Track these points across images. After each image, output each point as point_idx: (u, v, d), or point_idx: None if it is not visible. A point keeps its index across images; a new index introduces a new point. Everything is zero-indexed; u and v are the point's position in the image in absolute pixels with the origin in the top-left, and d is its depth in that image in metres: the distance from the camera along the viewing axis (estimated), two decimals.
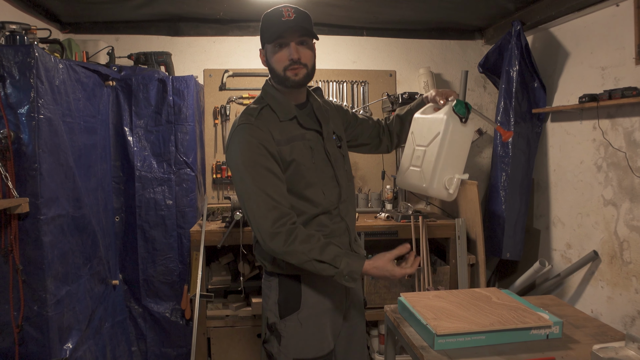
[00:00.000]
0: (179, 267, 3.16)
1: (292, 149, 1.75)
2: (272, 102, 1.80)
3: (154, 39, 3.70)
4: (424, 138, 1.68)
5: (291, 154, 1.75)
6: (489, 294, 2.01)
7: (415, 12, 3.44)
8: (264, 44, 1.80)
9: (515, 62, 3.37)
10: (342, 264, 1.66)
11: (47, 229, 2.24)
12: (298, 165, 1.76)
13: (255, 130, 1.71)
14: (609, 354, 1.46)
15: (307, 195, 1.79)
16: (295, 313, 1.82)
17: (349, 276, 1.67)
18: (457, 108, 1.60)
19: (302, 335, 1.82)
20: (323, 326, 1.86)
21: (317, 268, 1.67)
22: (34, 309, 2.22)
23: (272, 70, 1.80)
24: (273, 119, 1.77)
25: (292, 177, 1.77)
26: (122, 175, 3.14)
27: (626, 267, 2.83)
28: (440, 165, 1.57)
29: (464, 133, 1.59)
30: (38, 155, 2.18)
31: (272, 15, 1.75)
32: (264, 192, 1.66)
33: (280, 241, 1.65)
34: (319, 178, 1.81)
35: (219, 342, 3.11)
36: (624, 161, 2.81)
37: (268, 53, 1.78)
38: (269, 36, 1.74)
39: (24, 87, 2.15)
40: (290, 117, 1.79)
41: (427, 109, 1.76)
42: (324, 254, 1.66)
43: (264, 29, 1.76)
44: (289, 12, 1.72)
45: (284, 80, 1.78)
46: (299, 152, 1.77)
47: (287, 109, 1.80)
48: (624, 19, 2.79)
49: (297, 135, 1.78)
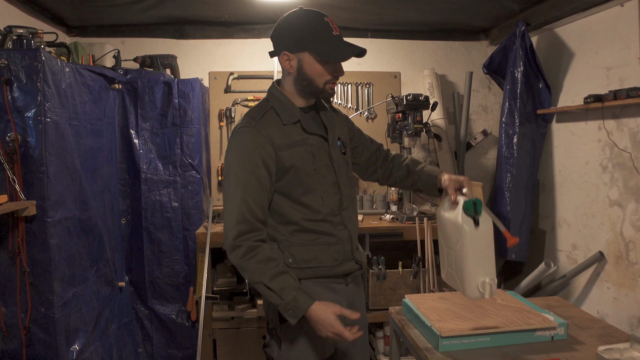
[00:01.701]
0: (184, 269, 3.17)
1: (291, 154, 1.72)
2: (276, 104, 1.77)
3: (159, 42, 3.72)
4: (449, 241, 1.68)
5: (290, 159, 1.72)
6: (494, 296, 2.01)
7: (420, 13, 3.45)
8: (300, 50, 1.70)
9: (520, 63, 3.36)
10: (288, 297, 1.61)
11: (54, 231, 2.26)
12: (297, 171, 1.73)
13: (255, 134, 1.68)
14: (614, 355, 1.46)
15: (304, 201, 1.76)
16: None
17: (292, 311, 1.62)
18: (466, 211, 1.59)
19: (302, 340, 1.78)
20: None
21: (264, 293, 1.65)
22: (41, 311, 2.24)
23: (307, 80, 1.73)
24: (276, 122, 1.73)
25: (290, 183, 1.74)
26: (128, 177, 3.16)
27: (632, 267, 2.82)
28: (468, 273, 1.58)
29: (482, 234, 1.58)
30: (45, 158, 2.20)
31: (318, 24, 1.69)
32: (243, 201, 1.65)
33: (238, 254, 1.65)
34: (320, 184, 1.77)
35: (224, 343, 3.12)
36: (630, 162, 2.81)
37: (305, 62, 1.70)
38: (324, 52, 1.68)
39: (31, 91, 2.17)
40: (294, 121, 1.75)
41: (446, 203, 1.72)
42: (273, 282, 1.63)
43: (309, 39, 1.68)
44: (334, 25, 1.70)
45: (319, 92, 1.75)
46: (299, 157, 1.74)
47: (291, 112, 1.76)
48: (628, 19, 2.78)
49: (298, 140, 1.75)
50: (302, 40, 1.68)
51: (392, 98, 3.38)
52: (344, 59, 1.71)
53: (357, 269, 1.88)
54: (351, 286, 1.91)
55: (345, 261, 1.84)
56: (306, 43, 1.68)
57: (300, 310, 1.61)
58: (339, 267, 1.83)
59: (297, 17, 1.71)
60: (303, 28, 1.68)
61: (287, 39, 1.71)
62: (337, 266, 1.82)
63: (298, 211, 1.76)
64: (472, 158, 4.06)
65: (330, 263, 1.80)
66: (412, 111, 3.21)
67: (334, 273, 1.82)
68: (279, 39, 1.74)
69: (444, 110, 3.85)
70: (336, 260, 1.81)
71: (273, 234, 1.78)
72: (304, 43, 1.68)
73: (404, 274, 3.12)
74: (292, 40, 1.70)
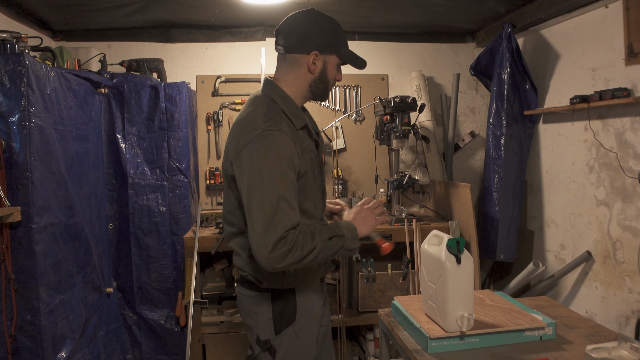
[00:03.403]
0: (173, 273, 3.15)
1: (304, 160, 1.67)
2: (286, 108, 1.69)
3: (146, 46, 3.70)
4: (432, 275, 1.76)
5: (304, 166, 1.67)
6: (483, 296, 2.01)
7: (407, 16, 3.46)
8: (329, 52, 1.71)
9: (507, 65, 3.38)
10: (342, 229, 1.64)
11: (40, 237, 2.23)
12: (305, 179, 1.68)
13: (285, 139, 1.58)
14: (602, 354, 1.46)
15: (304, 207, 1.69)
16: (292, 326, 1.76)
17: (353, 237, 1.67)
18: (449, 249, 1.66)
19: (297, 348, 1.78)
20: (313, 333, 1.84)
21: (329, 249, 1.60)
22: (27, 318, 2.21)
23: (325, 82, 1.75)
24: (291, 127, 1.66)
25: (298, 190, 1.65)
26: (115, 182, 3.13)
27: (619, 267, 2.84)
28: (448, 307, 1.66)
29: (464, 271, 1.66)
30: (30, 164, 2.17)
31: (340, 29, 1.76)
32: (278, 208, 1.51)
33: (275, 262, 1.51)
34: (313, 190, 1.74)
35: (214, 348, 3.10)
36: (616, 161, 2.83)
37: (329, 65, 1.73)
38: (345, 54, 1.75)
39: (15, 96, 2.15)
40: (302, 126, 1.72)
41: (432, 238, 1.80)
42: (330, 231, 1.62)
43: (336, 40, 1.72)
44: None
45: (325, 93, 1.79)
46: (309, 163, 1.71)
47: (300, 117, 1.72)
48: (613, 20, 2.81)
49: (307, 145, 1.72)
50: (336, 43, 1.72)
51: (380, 100, 3.38)
52: (363, 66, 1.79)
53: (334, 269, 1.94)
54: (324, 284, 1.97)
55: (330, 263, 1.89)
56: (338, 46, 1.73)
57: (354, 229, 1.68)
58: (325, 270, 1.87)
59: (326, 18, 1.73)
60: (337, 31, 1.73)
61: (321, 40, 1.70)
62: (323, 268, 1.86)
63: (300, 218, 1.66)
64: (460, 159, 4.08)
65: (318, 267, 1.82)
66: (399, 113, 3.21)
67: (322, 275, 1.88)
68: (310, 37, 1.69)
69: (432, 112, 3.86)
70: (323, 264, 1.85)
71: None
72: (337, 46, 1.73)
73: (394, 276, 3.12)
74: (326, 42, 1.70)
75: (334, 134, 3.79)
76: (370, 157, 3.87)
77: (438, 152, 3.83)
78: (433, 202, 3.65)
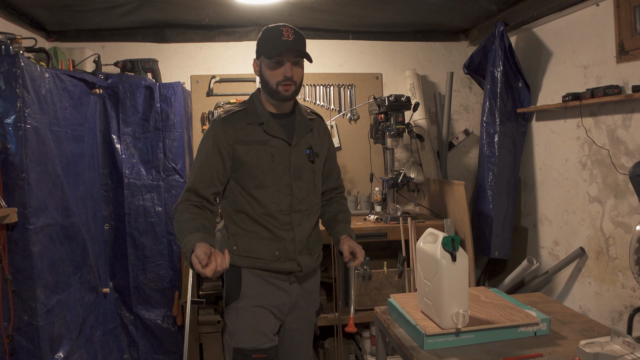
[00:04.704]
0: (169, 273, 3.15)
1: (249, 150, 1.92)
2: (250, 106, 1.99)
3: (140, 46, 3.70)
4: (428, 273, 1.79)
5: (247, 155, 1.92)
6: (478, 293, 2.04)
7: (400, 14, 3.47)
8: (259, 56, 1.95)
9: (500, 63, 3.40)
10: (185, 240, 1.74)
11: (36, 238, 2.24)
12: (250, 166, 1.92)
13: (218, 126, 1.92)
14: (595, 349, 1.49)
15: (255, 194, 1.94)
16: (235, 302, 1.96)
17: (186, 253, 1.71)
18: (445, 246, 1.70)
19: (239, 325, 1.94)
20: (261, 320, 1.95)
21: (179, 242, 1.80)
22: (24, 319, 2.21)
23: (265, 82, 1.94)
24: (242, 120, 1.95)
25: (244, 176, 1.94)
26: (111, 182, 3.13)
27: (612, 262, 2.87)
28: (444, 304, 1.68)
29: (459, 268, 1.69)
30: (25, 165, 2.18)
31: (273, 32, 1.90)
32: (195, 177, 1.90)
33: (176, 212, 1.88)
34: (273, 182, 1.94)
35: (211, 347, 3.11)
36: (608, 158, 2.86)
37: (263, 66, 1.94)
38: (268, 52, 1.89)
39: (10, 97, 2.15)
40: (258, 122, 1.95)
41: (427, 236, 1.84)
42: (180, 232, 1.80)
43: (263, 43, 1.92)
44: (288, 33, 1.89)
45: (274, 93, 1.93)
46: (255, 154, 1.93)
47: (258, 115, 1.96)
48: (604, 18, 2.84)
49: (258, 140, 1.94)
50: (259, 46, 1.95)
51: (375, 99, 3.40)
52: (274, 53, 1.87)
53: (296, 270, 1.99)
54: (295, 286, 2.02)
55: (285, 260, 1.97)
56: (260, 48, 1.94)
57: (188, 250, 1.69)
58: (277, 264, 1.96)
59: (265, 28, 1.95)
60: (262, 36, 1.94)
61: (256, 47, 1.98)
62: (276, 262, 1.96)
63: (248, 202, 1.95)
64: (454, 157, 4.10)
65: (269, 257, 1.95)
66: (394, 112, 3.23)
67: (273, 268, 1.96)
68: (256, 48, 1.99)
69: (426, 111, 3.88)
70: (275, 256, 1.95)
71: (228, 225, 1.99)
72: (259, 48, 1.95)
73: (389, 274, 3.14)
74: (257, 48, 1.97)
75: None
76: (365, 156, 3.88)
77: (432, 151, 3.85)
78: (428, 200, 3.67)
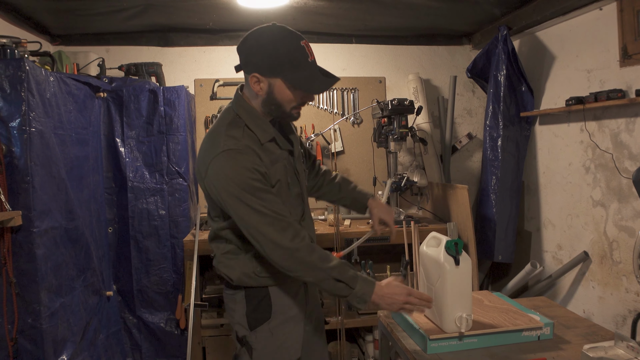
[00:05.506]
0: (172, 277, 3.16)
1: (276, 170, 1.71)
2: (250, 122, 1.69)
3: (144, 50, 3.71)
4: (430, 277, 1.79)
5: (276, 174, 1.71)
6: (481, 297, 2.03)
7: (404, 18, 3.48)
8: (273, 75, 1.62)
9: (503, 67, 3.41)
10: (357, 285, 1.64)
11: (40, 241, 2.24)
12: (280, 185, 1.72)
13: (244, 155, 1.61)
14: (599, 353, 1.48)
15: None
16: (266, 323, 1.79)
17: (360, 298, 1.65)
18: (448, 250, 1.69)
19: (273, 345, 1.79)
20: (291, 333, 1.84)
21: (333, 287, 1.64)
22: (28, 322, 2.22)
23: (276, 104, 1.67)
24: (254, 141, 1.67)
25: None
26: (115, 186, 3.14)
27: (616, 266, 2.86)
28: (447, 308, 1.68)
29: (462, 272, 1.69)
30: (30, 168, 2.19)
31: (296, 50, 1.60)
32: (273, 212, 1.60)
33: (301, 257, 1.61)
34: (287, 197, 1.77)
35: (214, 351, 3.11)
36: (611, 162, 2.85)
37: (276, 88, 1.63)
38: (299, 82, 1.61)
39: (15, 101, 2.16)
40: (270, 139, 1.70)
41: (431, 240, 1.83)
42: (344, 275, 1.63)
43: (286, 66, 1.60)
44: (310, 49, 1.63)
45: (286, 116, 1.72)
46: (281, 172, 1.73)
47: (266, 130, 1.70)
48: (607, 22, 2.84)
49: (278, 155, 1.73)
50: (278, 66, 1.60)
51: (378, 103, 3.40)
52: (320, 91, 1.69)
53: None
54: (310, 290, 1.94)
55: None
56: (282, 70, 1.60)
57: (367, 295, 1.64)
58: None
59: (272, 38, 1.60)
60: (279, 53, 1.59)
61: (261, 62, 1.61)
62: None
63: None
64: (457, 161, 4.10)
65: None
66: (397, 116, 3.23)
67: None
68: (250, 58, 1.63)
69: (429, 115, 3.88)
70: None
71: (246, 247, 1.75)
72: (280, 70, 1.60)
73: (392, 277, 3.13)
74: (266, 64, 1.60)
75: (332, 137, 3.81)
76: (368, 160, 3.89)
77: (435, 154, 3.85)
78: (431, 204, 3.67)
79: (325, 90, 1.70)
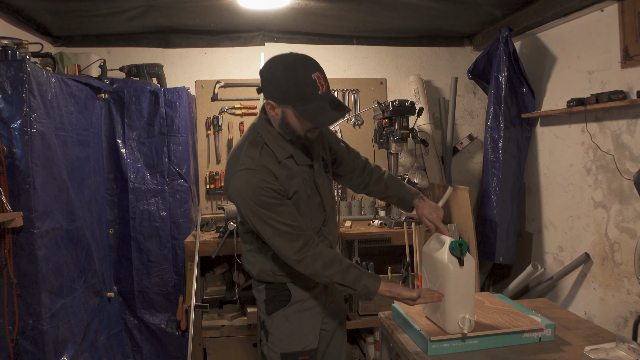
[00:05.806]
0: (173, 278, 3.16)
1: (292, 184, 1.82)
2: (269, 141, 1.81)
3: (145, 51, 3.72)
4: (433, 278, 1.79)
5: (293, 188, 1.82)
6: (482, 299, 2.03)
7: (405, 20, 3.48)
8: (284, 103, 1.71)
9: (504, 68, 3.40)
10: (359, 286, 1.76)
11: (41, 242, 2.25)
12: (298, 196, 1.84)
13: (258, 174, 1.73)
14: (600, 355, 1.48)
15: None
16: (282, 309, 1.93)
17: (365, 296, 1.78)
18: (452, 251, 1.69)
19: (287, 330, 1.93)
20: (307, 322, 1.96)
21: (337, 289, 1.83)
22: (29, 323, 2.22)
23: (290, 129, 1.77)
24: (272, 160, 1.79)
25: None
26: (116, 187, 3.15)
27: (617, 268, 2.86)
28: (450, 309, 1.68)
29: (466, 273, 1.69)
30: (31, 169, 2.19)
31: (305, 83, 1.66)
32: (283, 224, 1.74)
33: (305, 266, 1.77)
34: (308, 207, 1.88)
35: (215, 352, 3.11)
36: (613, 164, 2.85)
37: (288, 115, 1.73)
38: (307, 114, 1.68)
39: (17, 102, 2.16)
40: (287, 156, 1.82)
41: (433, 241, 1.85)
42: (345, 279, 1.76)
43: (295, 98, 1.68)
44: (322, 81, 1.69)
45: (301, 138, 1.81)
46: (300, 184, 1.84)
47: (284, 148, 1.82)
48: (609, 23, 2.83)
49: (295, 170, 1.83)
50: (287, 97, 1.69)
51: (379, 104, 3.40)
52: (325, 125, 1.74)
53: None
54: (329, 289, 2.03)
55: None
56: (291, 101, 1.69)
57: (372, 293, 1.78)
58: None
59: (285, 69, 1.68)
60: (290, 84, 1.67)
61: (274, 90, 1.72)
62: None
63: None
64: (458, 162, 4.10)
65: None
66: (398, 117, 3.23)
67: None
68: (266, 86, 1.75)
69: (430, 116, 3.88)
70: None
71: (265, 248, 1.89)
72: (289, 100, 1.69)
73: (393, 279, 3.13)
74: (278, 93, 1.71)
75: None
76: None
77: (437, 156, 3.85)
78: None
79: (332, 124, 1.77)
